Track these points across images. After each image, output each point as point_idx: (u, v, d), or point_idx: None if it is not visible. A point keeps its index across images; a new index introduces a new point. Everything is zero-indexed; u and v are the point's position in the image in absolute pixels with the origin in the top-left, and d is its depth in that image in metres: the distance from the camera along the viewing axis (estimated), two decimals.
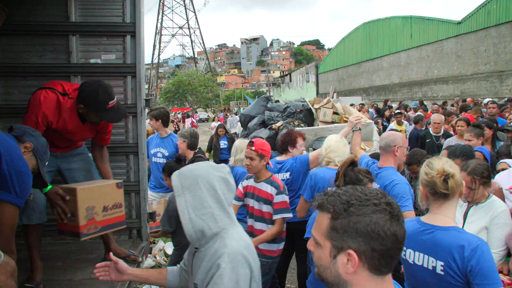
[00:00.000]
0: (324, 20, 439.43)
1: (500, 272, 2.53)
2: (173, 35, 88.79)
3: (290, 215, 3.72)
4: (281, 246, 3.92)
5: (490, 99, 12.22)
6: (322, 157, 4.00)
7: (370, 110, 15.30)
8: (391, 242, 1.13)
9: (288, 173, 4.62)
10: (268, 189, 3.72)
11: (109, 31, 3.95)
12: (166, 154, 5.37)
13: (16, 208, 2.12)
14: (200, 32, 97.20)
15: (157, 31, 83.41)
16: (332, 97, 21.90)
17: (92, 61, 3.95)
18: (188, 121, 29.14)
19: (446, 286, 2.01)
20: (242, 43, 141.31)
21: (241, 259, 1.76)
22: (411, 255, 2.16)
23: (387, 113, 12.84)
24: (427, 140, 7.02)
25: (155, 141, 5.49)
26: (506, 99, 16.33)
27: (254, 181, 3.92)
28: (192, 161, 4.64)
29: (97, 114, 3.08)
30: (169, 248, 6.18)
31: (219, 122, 18.13)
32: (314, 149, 6.28)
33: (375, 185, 3.55)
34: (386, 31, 34.53)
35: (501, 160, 4.12)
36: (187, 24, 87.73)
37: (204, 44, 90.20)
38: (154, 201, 5.41)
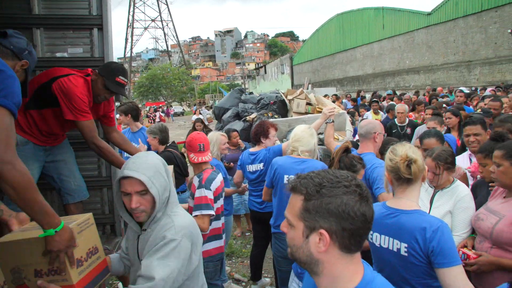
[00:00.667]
0: (298, 12, 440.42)
1: (465, 246, 2.64)
2: (145, 28, 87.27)
3: (209, 211, 3.22)
4: (214, 245, 3.55)
5: (491, 88, 12.56)
6: (288, 146, 4.04)
7: (344, 100, 15.46)
8: (360, 221, 1.19)
9: (262, 163, 4.65)
10: (196, 183, 3.43)
11: (75, 24, 3.86)
12: None
13: (5, 109, 1.75)
14: (173, 24, 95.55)
15: (129, 24, 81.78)
16: (307, 88, 22.09)
17: (58, 54, 3.85)
18: (156, 115, 28.78)
19: (409, 267, 2.08)
20: (216, 35, 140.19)
21: (185, 232, 1.97)
22: (377, 238, 2.23)
23: (351, 103, 13.03)
24: (394, 131, 7.16)
25: (128, 136, 5.41)
26: (474, 88, 16.84)
27: None
28: (160, 155, 4.63)
29: (105, 80, 3.17)
30: None
31: (199, 116, 17.99)
32: (287, 140, 6.33)
33: None
34: (359, 22, 34.93)
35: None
36: (159, 16, 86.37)
37: (177, 37, 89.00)
38: None
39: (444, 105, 7.97)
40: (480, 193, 2.95)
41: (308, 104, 6.90)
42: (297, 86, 38.95)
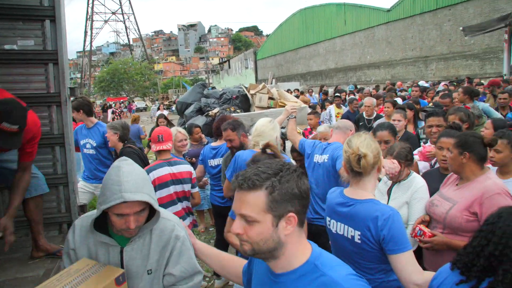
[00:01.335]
0: (261, 7, 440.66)
1: (422, 222, 2.78)
2: (105, 21, 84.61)
3: None
4: None
5: (444, 83, 13.05)
6: (250, 140, 4.07)
7: (313, 95, 15.71)
8: (308, 196, 1.35)
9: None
10: None
11: (25, 14, 3.66)
12: (94, 144, 5.13)
13: None
14: (135, 18, 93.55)
15: (88, 17, 79.09)
16: (271, 83, 22.17)
17: (7, 47, 3.65)
18: (109, 111, 27.92)
19: (363, 253, 2.18)
20: (179, 29, 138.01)
21: (182, 225, 2.04)
22: (334, 225, 2.31)
23: (323, 97, 13.21)
24: (360, 123, 7.32)
25: (83, 132, 5.24)
26: (430, 82, 17.47)
27: None
28: (121, 152, 4.55)
29: None
30: None
31: (164, 111, 17.57)
32: (250, 134, 6.34)
33: (323, 157, 3.75)
34: (321, 17, 35.37)
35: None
36: (120, 9, 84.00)
37: (139, 31, 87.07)
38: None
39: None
40: (431, 181, 3.08)
41: (271, 98, 6.93)
42: (261, 81, 39.04)
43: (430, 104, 6.27)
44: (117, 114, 22.30)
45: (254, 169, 1.33)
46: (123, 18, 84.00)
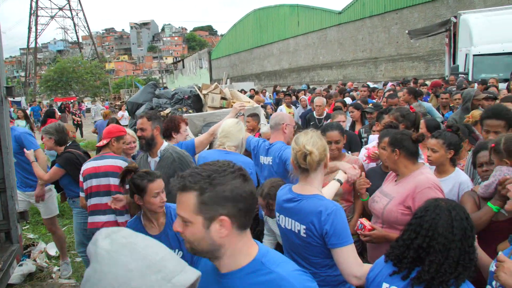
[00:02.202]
0: (216, 6, 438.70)
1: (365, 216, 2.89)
2: (52, 17, 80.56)
3: (80, 193, 3.90)
4: (98, 219, 3.76)
5: (392, 83, 13.52)
6: (215, 140, 4.05)
7: (266, 95, 15.82)
8: (250, 199, 1.33)
9: None
10: None
11: None
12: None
13: None
14: (84, 14, 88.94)
15: (32, 12, 74.96)
16: (226, 83, 22.10)
17: None
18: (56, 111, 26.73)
19: (309, 247, 2.24)
20: (131, 27, 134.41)
21: None
22: (283, 220, 2.37)
23: (277, 96, 13.31)
24: (311, 123, 7.45)
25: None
26: (382, 82, 18.12)
27: None
28: (59, 156, 4.40)
29: None
30: (52, 249, 5.71)
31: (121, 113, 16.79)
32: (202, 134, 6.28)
33: (268, 159, 3.79)
34: (275, 18, 35.73)
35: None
36: (68, 5, 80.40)
37: (89, 28, 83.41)
38: None
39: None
40: (374, 178, 3.19)
41: (223, 98, 6.89)
42: (216, 81, 38.84)
43: (370, 105, 6.48)
44: (77, 115, 21.16)
45: (193, 169, 1.34)
46: (71, 14, 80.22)
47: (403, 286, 1.76)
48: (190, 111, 6.83)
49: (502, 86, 8.38)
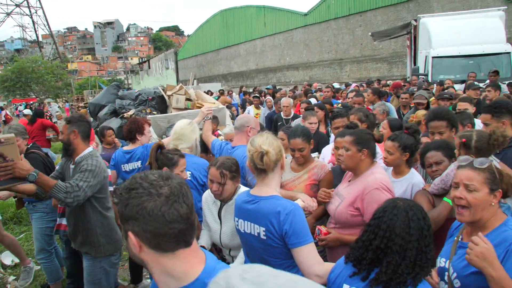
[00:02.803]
0: (182, 6, 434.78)
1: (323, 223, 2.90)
2: (8, 14, 77.08)
3: None
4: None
5: (356, 84, 13.76)
6: (169, 143, 3.97)
7: (233, 96, 15.84)
8: (158, 222, 1.19)
9: (140, 161, 4.50)
10: None
11: None
12: None
13: None
14: (44, 12, 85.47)
15: None
16: (192, 84, 21.90)
17: None
18: (2, 113, 25.51)
19: (269, 249, 2.22)
20: (95, 27, 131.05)
21: None
22: (242, 225, 2.34)
23: (244, 97, 13.32)
24: (279, 123, 7.48)
25: None
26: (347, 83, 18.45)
27: None
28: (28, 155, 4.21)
29: None
30: (7, 258, 5.45)
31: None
32: (167, 137, 6.20)
33: None
34: (242, 19, 35.79)
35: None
36: (26, 2, 77.21)
37: (49, 27, 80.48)
38: None
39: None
40: (335, 178, 3.23)
41: (188, 99, 6.82)
42: (183, 82, 38.51)
43: (339, 105, 6.60)
44: (47, 116, 20.24)
45: (131, 179, 1.28)
46: (30, 11, 77.11)
47: (363, 287, 1.76)
48: (154, 112, 6.74)
49: (460, 87, 8.71)
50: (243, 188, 2.85)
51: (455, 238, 2.09)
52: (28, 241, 6.04)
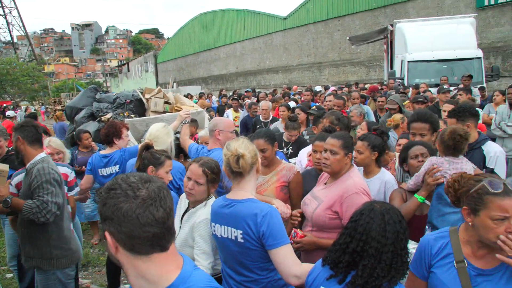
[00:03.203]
0: (162, 9, 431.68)
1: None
2: None
3: None
4: None
5: (333, 88, 13.94)
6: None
7: (213, 99, 15.82)
8: (131, 224, 1.18)
9: (117, 166, 4.44)
10: None
11: None
12: None
13: None
14: (19, 13, 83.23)
15: None
16: (172, 87, 21.76)
17: None
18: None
19: (247, 252, 2.24)
20: (73, 28, 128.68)
21: None
22: (219, 229, 2.35)
23: (223, 100, 13.25)
24: (258, 126, 7.53)
25: None
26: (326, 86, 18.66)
27: None
28: (4, 159, 4.14)
29: None
30: None
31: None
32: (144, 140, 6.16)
33: None
34: (222, 22, 35.79)
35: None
36: (0, 2, 75.20)
37: (24, 28, 78.58)
38: None
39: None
40: (309, 180, 3.25)
41: (166, 103, 6.80)
42: (162, 85, 38.23)
43: (314, 107, 6.69)
44: (15, 119, 19.71)
45: (114, 179, 1.29)
46: (4, 12, 75.06)
47: None
48: (132, 115, 6.68)
49: (435, 91, 8.94)
50: (212, 200, 2.69)
51: (455, 264, 1.87)
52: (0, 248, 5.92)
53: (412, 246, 2.34)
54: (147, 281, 1.26)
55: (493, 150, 3.35)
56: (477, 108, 3.99)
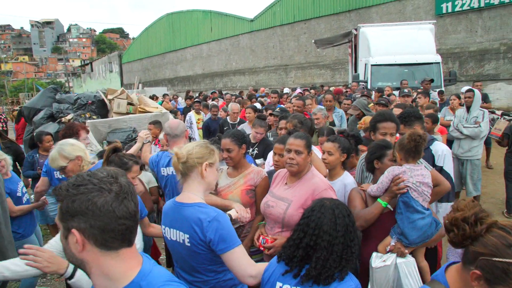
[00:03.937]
0: (126, 8, 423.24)
1: (261, 234, 2.87)
2: None
3: None
4: None
5: (299, 90, 14.02)
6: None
7: (179, 100, 15.63)
8: (108, 218, 1.20)
9: None
10: None
11: None
12: None
13: None
14: None
15: None
16: (137, 88, 21.41)
17: None
18: None
19: (194, 256, 2.23)
20: (32, 26, 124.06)
21: None
22: (168, 232, 2.33)
23: (187, 102, 13.09)
24: (225, 128, 7.49)
25: None
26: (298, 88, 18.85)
27: None
28: None
29: None
30: None
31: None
32: (108, 142, 6.02)
33: (170, 169, 3.71)
34: (188, 23, 35.50)
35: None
36: None
37: None
38: None
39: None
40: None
41: (130, 104, 6.67)
42: (127, 85, 37.58)
43: (278, 109, 6.75)
44: (1, 121, 18.54)
45: (77, 176, 1.27)
46: None
47: (295, 284, 1.85)
48: (94, 117, 6.51)
49: (397, 93, 9.21)
50: None
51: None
52: None
53: (381, 260, 2.43)
54: (110, 279, 1.27)
55: (440, 149, 3.59)
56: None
